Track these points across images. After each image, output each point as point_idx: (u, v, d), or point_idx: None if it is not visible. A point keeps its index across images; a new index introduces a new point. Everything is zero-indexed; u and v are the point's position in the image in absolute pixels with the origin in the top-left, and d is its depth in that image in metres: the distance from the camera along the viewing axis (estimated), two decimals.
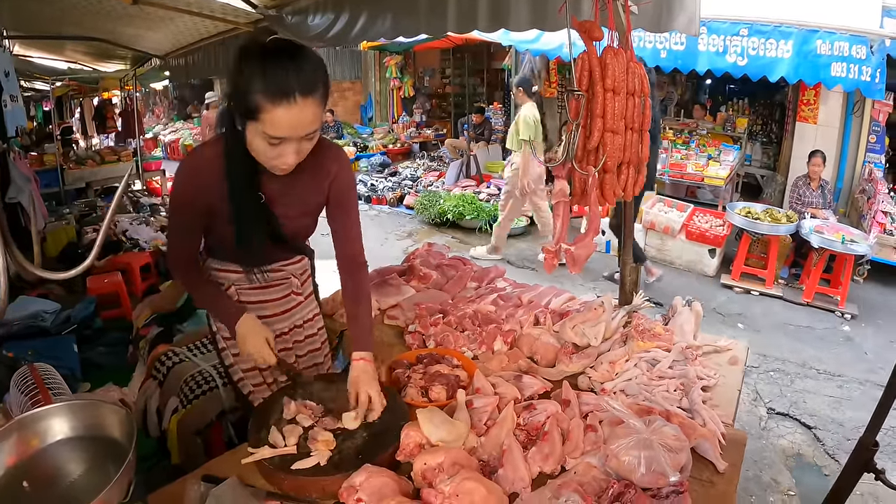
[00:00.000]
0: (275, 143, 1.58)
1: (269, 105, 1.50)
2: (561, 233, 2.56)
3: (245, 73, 1.52)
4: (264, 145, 1.60)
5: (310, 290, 2.34)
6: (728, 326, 5.80)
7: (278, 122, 1.52)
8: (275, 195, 1.86)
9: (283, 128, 1.54)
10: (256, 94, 1.50)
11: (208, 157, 1.77)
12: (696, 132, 9.77)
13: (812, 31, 6.48)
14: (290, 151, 1.62)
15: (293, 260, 2.18)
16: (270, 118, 1.52)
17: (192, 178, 1.80)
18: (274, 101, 1.49)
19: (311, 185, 1.93)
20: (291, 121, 1.53)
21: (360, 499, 1.48)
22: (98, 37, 6.47)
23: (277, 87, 1.49)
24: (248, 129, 1.60)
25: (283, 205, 1.89)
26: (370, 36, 3.70)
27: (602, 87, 2.38)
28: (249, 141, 1.63)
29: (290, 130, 1.56)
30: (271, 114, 1.51)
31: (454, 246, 8.01)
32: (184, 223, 1.89)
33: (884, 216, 6.91)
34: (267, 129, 1.54)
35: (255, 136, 1.60)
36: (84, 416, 1.50)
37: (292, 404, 1.89)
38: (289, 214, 1.93)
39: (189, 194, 1.81)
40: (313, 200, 1.99)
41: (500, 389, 2.06)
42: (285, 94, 1.49)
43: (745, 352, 2.56)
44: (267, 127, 1.54)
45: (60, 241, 6.85)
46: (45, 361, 2.83)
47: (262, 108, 1.51)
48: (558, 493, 1.51)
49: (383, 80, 15.80)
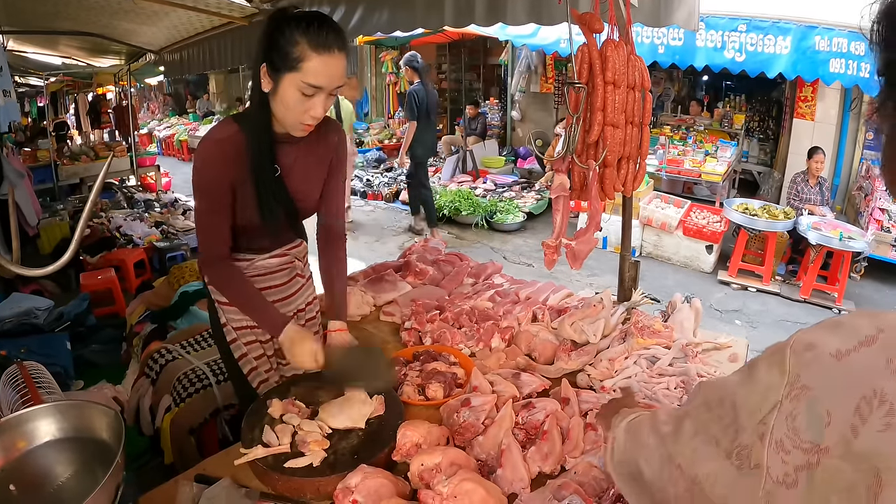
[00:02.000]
0: (308, 94, 1.72)
1: (313, 54, 1.66)
2: (561, 228, 2.52)
3: (288, 29, 1.67)
4: (297, 97, 1.72)
5: (310, 272, 2.38)
6: (725, 323, 5.79)
7: (319, 70, 1.68)
8: (288, 168, 1.95)
9: (322, 76, 1.69)
10: (301, 45, 1.66)
11: (226, 135, 1.84)
12: (693, 128, 9.76)
13: (811, 27, 6.48)
14: (319, 103, 1.75)
15: (296, 244, 2.23)
16: (312, 66, 1.67)
17: (216, 156, 1.83)
18: (318, 50, 1.66)
19: (317, 155, 2.04)
20: (329, 70, 1.70)
21: (355, 500, 1.45)
22: (92, 32, 6.41)
23: (321, 39, 1.67)
24: (284, 82, 1.71)
25: (295, 178, 1.98)
26: (367, 30, 3.66)
27: (602, 79, 2.35)
28: (282, 95, 1.73)
29: (327, 79, 1.71)
30: (314, 62, 1.67)
31: (450, 241, 7.98)
32: (213, 206, 1.89)
33: (881, 213, 6.92)
34: (307, 78, 1.68)
35: (291, 89, 1.71)
36: (72, 417, 1.47)
37: (278, 403, 1.86)
38: (300, 187, 2.00)
39: (214, 172, 1.83)
40: (320, 171, 2.08)
41: (498, 387, 2.03)
42: (327, 45, 1.67)
43: (746, 348, 2.53)
44: (308, 75, 1.68)
45: (54, 238, 6.81)
46: (37, 359, 2.78)
47: (306, 57, 1.66)
48: (559, 493, 1.48)
49: (379, 76, 15.74)
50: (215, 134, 1.87)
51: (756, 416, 0.70)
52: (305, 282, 2.32)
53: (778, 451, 0.65)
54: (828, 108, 8.21)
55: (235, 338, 2.16)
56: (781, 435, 0.65)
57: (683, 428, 0.84)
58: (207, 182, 1.85)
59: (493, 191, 9.61)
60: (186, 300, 4.15)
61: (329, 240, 2.17)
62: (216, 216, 1.90)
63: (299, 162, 1.97)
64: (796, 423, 0.64)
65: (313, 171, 2.04)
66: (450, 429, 1.81)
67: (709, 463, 0.76)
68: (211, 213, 1.90)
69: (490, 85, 15.54)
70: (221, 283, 2.02)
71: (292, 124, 1.81)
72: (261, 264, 2.11)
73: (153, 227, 7.10)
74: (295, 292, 2.25)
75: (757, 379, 0.74)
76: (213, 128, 1.90)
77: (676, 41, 7.20)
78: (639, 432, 0.99)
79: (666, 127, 9.79)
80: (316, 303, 2.41)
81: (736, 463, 0.71)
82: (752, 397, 0.72)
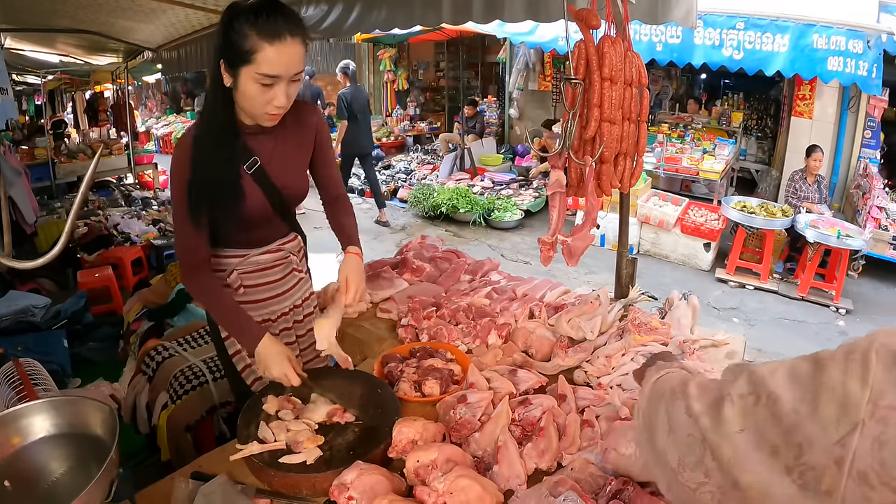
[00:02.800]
0: (267, 84, 1.70)
1: (265, 44, 1.64)
2: (557, 224, 2.52)
3: (237, 22, 1.66)
4: (257, 89, 1.71)
5: (306, 266, 2.38)
6: (723, 321, 5.79)
7: (272, 59, 1.66)
8: (267, 157, 1.95)
9: (277, 65, 1.68)
10: (251, 37, 1.64)
11: (195, 135, 1.85)
12: (691, 126, 9.76)
13: (809, 25, 6.48)
14: (280, 92, 1.74)
15: (289, 238, 2.23)
16: (265, 56, 1.66)
17: (183, 160, 1.83)
18: (269, 39, 1.64)
19: (298, 139, 2.05)
20: (283, 58, 1.68)
21: (351, 497, 1.45)
22: (90, 29, 6.39)
23: (270, 27, 1.65)
24: (242, 76, 1.70)
25: (276, 166, 1.98)
26: (364, 27, 3.65)
27: (599, 76, 2.35)
28: (242, 88, 1.73)
29: (283, 67, 1.69)
30: (265, 52, 1.65)
31: (448, 239, 7.98)
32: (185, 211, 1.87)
33: (879, 211, 6.92)
34: (262, 69, 1.67)
35: (249, 82, 1.70)
36: (66, 412, 1.46)
37: (273, 399, 1.85)
38: (283, 175, 2.00)
39: (184, 178, 1.83)
40: (302, 156, 2.09)
41: (495, 384, 2.03)
42: (277, 33, 1.65)
43: (743, 346, 2.53)
44: (262, 66, 1.67)
45: (52, 235, 6.79)
46: (34, 357, 2.79)
47: (258, 48, 1.65)
48: (555, 490, 1.48)
49: (377, 73, 15.72)
50: (181, 139, 1.89)
51: (830, 433, 0.60)
52: (302, 276, 2.32)
53: (860, 483, 0.56)
54: (826, 107, 8.22)
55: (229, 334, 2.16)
56: (866, 466, 0.56)
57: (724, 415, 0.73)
58: (178, 187, 1.85)
59: (491, 188, 9.60)
60: (183, 298, 4.15)
61: (335, 203, 2.22)
62: (193, 223, 1.88)
63: (278, 150, 1.98)
64: (885, 453, 0.55)
65: (294, 158, 2.05)
66: (446, 425, 1.81)
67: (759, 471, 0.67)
68: (184, 222, 1.88)
69: (488, 83, 15.54)
70: (198, 293, 2.02)
71: (259, 115, 1.81)
72: (254, 259, 2.11)
73: (150, 224, 7.10)
74: (291, 288, 2.25)
75: (828, 385, 0.62)
76: (184, 133, 1.93)
77: (674, 39, 7.20)
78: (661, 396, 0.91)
79: (664, 125, 9.79)
80: (313, 298, 2.41)
81: (798, 482, 0.62)
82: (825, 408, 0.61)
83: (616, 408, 1.89)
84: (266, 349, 1.89)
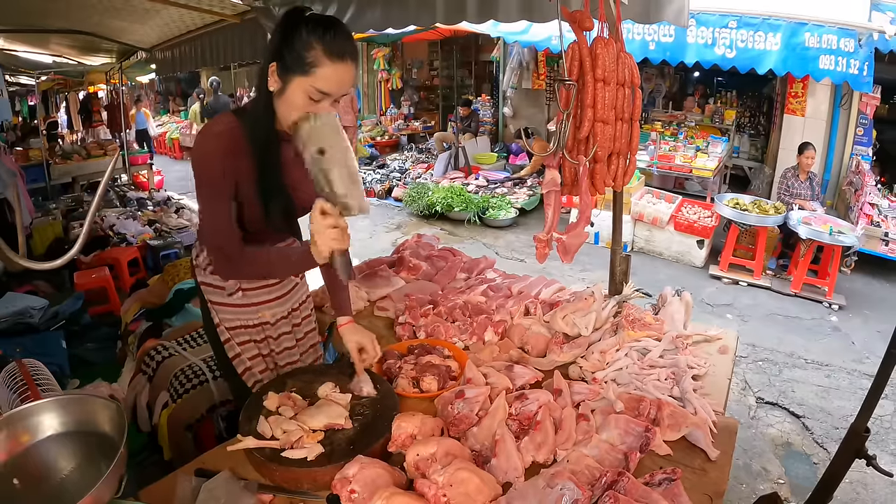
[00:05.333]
0: (315, 100, 1.70)
1: (328, 61, 1.65)
2: (552, 222, 2.55)
3: (305, 31, 1.66)
4: (304, 101, 1.70)
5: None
6: (716, 317, 5.83)
7: (330, 77, 1.67)
8: (285, 167, 1.91)
9: (332, 84, 1.69)
10: (316, 50, 1.64)
11: (225, 128, 1.80)
12: (684, 124, 9.80)
13: (800, 24, 6.50)
14: (324, 108, 1.73)
15: (288, 243, 2.18)
16: (324, 73, 1.66)
17: (214, 148, 1.78)
18: (332, 58, 1.65)
19: None
20: (339, 78, 1.69)
21: (353, 490, 1.48)
22: (84, 30, 6.39)
23: (336, 46, 1.66)
24: (293, 84, 1.69)
25: (292, 176, 1.92)
26: (359, 27, 3.67)
27: (592, 76, 2.38)
28: (288, 96, 1.71)
29: (336, 87, 1.70)
30: (326, 69, 1.66)
31: (443, 238, 8.00)
32: (219, 197, 1.82)
33: (871, 208, 6.96)
34: (317, 84, 1.67)
35: (299, 92, 1.70)
36: (74, 411, 1.49)
37: (274, 396, 1.88)
38: (298, 185, 1.94)
39: (215, 164, 1.78)
40: None
41: (492, 379, 2.07)
42: (341, 53, 1.67)
43: (735, 340, 2.57)
44: (318, 81, 1.67)
45: (47, 237, 6.78)
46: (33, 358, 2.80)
47: (320, 63, 1.65)
48: (552, 481, 1.51)
49: (371, 72, 15.72)
50: (213, 127, 1.82)
51: None
52: (299, 280, 2.31)
53: None
54: (818, 104, 8.26)
55: (229, 338, 2.15)
56: None
57: None
58: (209, 174, 1.79)
59: (486, 187, 9.62)
60: (181, 298, 4.16)
61: None
62: (223, 206, 1.83)
63: (298, 159, 1.86)
64: None
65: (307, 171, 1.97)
66: (444, 420, 1.84)
67: None
68: (218, 204, 1.83)
69: (482, 81, 15.57)
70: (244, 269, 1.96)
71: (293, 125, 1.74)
72: None
73: (146, 225, 7.08)
74: (288, 292, 2.24)
75: None
76: (210, 122, 1.86)
77: (667, 38, 7.22)
78: None
79: (657, 122, 9.83)
80: (310, 301, 2.41)
81: None
82: None
83: (610, 402, 1.93)
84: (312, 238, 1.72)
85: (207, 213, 1.87)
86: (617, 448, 1.72)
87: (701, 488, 1.64)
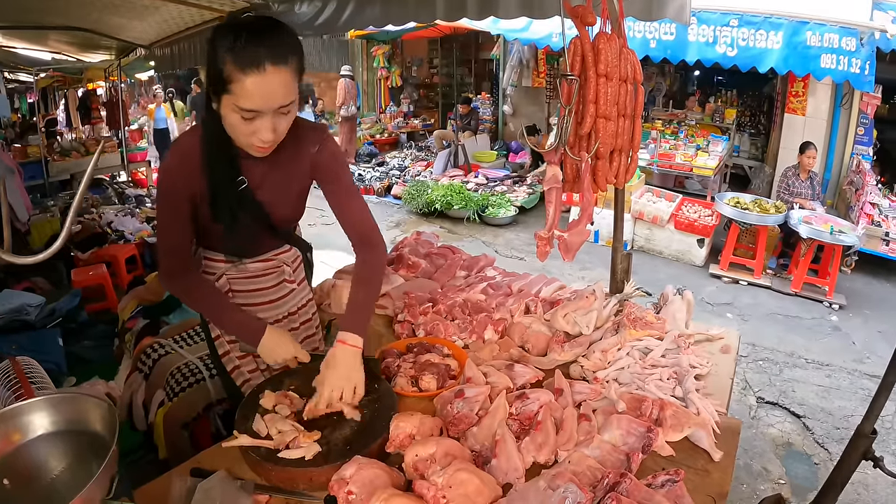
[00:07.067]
0: (248, 118, 1.56)
1: (240, 74, 1.48)
2: (554, 219, 2.53)
3: (217, 46, 1.51)
4: (238, 120, 1.57)
5: (302, 275, 2.30)
6: (717, 316, 5.82)
7: (249, 92, 1.50)
8: (257, 181, 1.84)
9: (255, 98, 1.52)
10: (227, 65, 1.49)
11: (189, 145, 1.75)
12: (684, 123, 9.79)
13: (802, 23, 6.50)
14: (264, 127, 1.59)
15: (283, 249, 2.15)
16: (241, 88, 1.50)
17: (176, 166, 1.76)
18: (244, 69, 1.48)
19: (292, 168, 1.89)
20: (262, 91, 1.51)
21: (350, 491, 1.45)
22: (83, 27, 6.36)
23: (247, 56, 1.48)
24: (223, 105, 1.57)
25: (266, 190, 1.87)
26: (359, 24, 3.65)
27: (595, 72, 2.36)
28: (225, 118, 1.60)
29: (262, 101, 1.53)
30: (242, 83, 1.49)
31: (442, 236, 7.98)
32: (173, 216, 1.80)
33: (872, 208, 6.96)
34: (239, 102, 1.52)
35: (229, 111, 1.57)
36: (66, 410, 1.46)
37: (270, 394, 1.85)
38: (273, 201, 1.90)
39: (174, 183, 1.76)
40: (295, 185, 1.94)
41: (492, 379, 2.04)
42: (255, 62, 1.48)
43: (738, 340, 2.55)
44: (239, 99, 1.52)
45: (45, 234, 6.76)
46: (29, 356, 2.77)
47: (234, 79, 1.49)
48: (553, 483, 1.49)
49: (371, 70, 15.71)
50: (178, 144, 1.80)
51: None
52: (296, 286, 2.24)
53: None
54: (819, 104, 8.25)
55: (219, 334, 2.13)
56: None
57: None
58: (167, 193, 1.78)
59: (485, 185, 9.62)
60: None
61: (360, 250, 2.01)
62: (176, 228, 1.82)
63: (270, 175, 1.85)
64: None
65: (286, 185, 1.91)
66: (444, 420, 1.82)
67: None
68: (170, 225, 1.82)
69: (482, 79, 15.58)
70: (188, 294, 1.94)
71: (244, 145, 1.68)
72: (243, 267, 2.06)
73: (144, 222, 7.06)
74: (283, 297, 2.19)
75: None
76: (180, 136, 1.83)
77: (668, 36, 7.20)
78: None
79: (658, 121, 9.81)
80: (311, 305, 2.36)
81: None
82: None
83: (612, 402, 1.90)
84: (270, 339, 1.84)
85: (162, 231, 1.85)
86: (619, 449, 1.70)
87: (704, 489, 1.61)
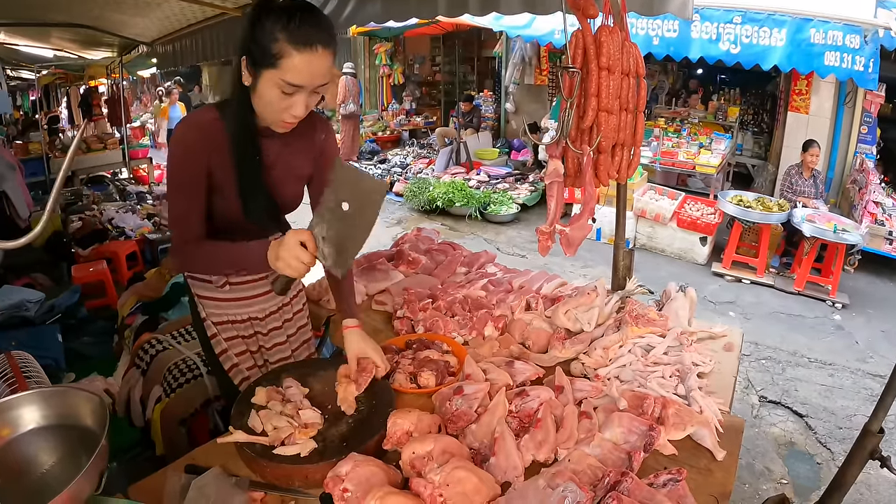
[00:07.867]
0: (288, 93, 1.63)
1: (293, 51, 1.56)
2: (555, 214, 2.50)
3: (268, 22, 1.57)
4: (277, 95, 1.63)
5: None
6: (719, 315, 5.79)
7: (299, 68, 1.58)
8: (272, 159, 1.87)
9: (303, 75, 1.59)
10: (280, 41, 1.56)
11: (207, 120, 1.76)
12: (687, 120, 9.75)
13: (806, 20, 6.47)
14: (300, 102, 1.66)
15: (276, 237, 2.11)
16: (292, 64, 1.57)
17: (194, 140, 1.74)
18: (298, 47, 1.56)
19: (301, 151, 1.94)
20: (311, 68, 1.59)
21: (346, 489, 1.43)
22: (85, 23, 6.35)
23: (302, 35, 1.56)
24: (263, 79, 1.62)
25: (279, 169, 1.89)
26: (360, 20, 3.62)
27: (597, 65, 2.33)
28: (261, 91, 1.65)
29: (308, 78, 1.61)
30: (293, 60, 1.57)
31: (444, 233, 7.96)
32: (187, 192, 1.77)
33: (875, 206, 6.93)
34: (286, 76, 1.59)
35: (270, 86, 1.62)
36: (56, 404, 1.44)
37: (262, 391, 1.83)
38: (282, 179, 1.92)
39: (193, 154, 1.74)
40: (303, 168, 1.98)
41: (492, 375, 2.01)
42: (309, 42, 1.56)
43: (741, 338, 2.52)
44: (287, 74, 1.58)
45: (46, 230, 6.73)
46: (28, 352, 2.76)
47: (285, 54, 1.56)
48: (553, 481, 1.46)
49: (373, 68, 15.70)
50: (193, 118, 1.80)
51: None
52: None
53: None
54: (822, 102, 8.20)
55: (216, 333, 2.11)
56: None
57: None
58: (182, 167, 1.76)
59: (487, 182, 9.60)
60: (178, 291, 4.12)
61: None
62: (190, 202, 1.79)
63: (281, 157, 1.89)
64: None
65: (295, 167, 1.95)
66: (442, 417, 1.79)
67: None
68: (184, 200, 1.80)
69: (484, 77, 15.54)
70: (193, 259, 1.90)
71: (273, 121, 1.73)
72: None
73: (145, 219, 7.05)
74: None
75: None
76: (190, 113, 1.83)
77: (671, 33, 7.18)
78: None
79: (660, 119, 9.78)
80: (302, 295, 2.36)
81: None
82: None
83: (614, 399, 1.88)
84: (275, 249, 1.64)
85: (174, 202, 1.82)
86: (620, 447, 1.67)
87: (706, 489, 1.59)
